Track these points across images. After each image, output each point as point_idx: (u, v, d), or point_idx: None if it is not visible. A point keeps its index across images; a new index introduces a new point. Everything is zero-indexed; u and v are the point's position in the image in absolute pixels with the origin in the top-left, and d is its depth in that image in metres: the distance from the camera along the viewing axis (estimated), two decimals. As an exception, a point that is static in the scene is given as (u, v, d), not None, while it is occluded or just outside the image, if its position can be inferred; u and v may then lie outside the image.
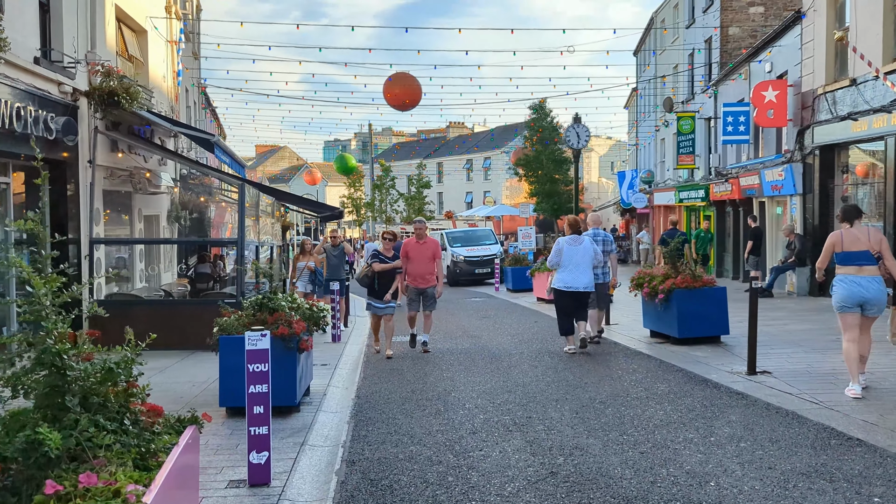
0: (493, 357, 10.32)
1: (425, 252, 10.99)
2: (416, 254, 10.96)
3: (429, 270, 10.95)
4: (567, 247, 10.18)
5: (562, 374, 8.82)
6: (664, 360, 9.35)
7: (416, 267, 10.93)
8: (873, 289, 6.88)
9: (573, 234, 10.32)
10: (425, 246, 11.02)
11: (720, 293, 10.52)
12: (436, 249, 11.09)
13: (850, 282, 6.92)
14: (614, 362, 9.45)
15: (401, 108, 22.29)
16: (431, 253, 11.03)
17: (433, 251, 11.04)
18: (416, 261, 10.94)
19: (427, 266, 10.96)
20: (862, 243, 6.95)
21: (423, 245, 11.01)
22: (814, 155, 16.39)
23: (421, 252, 10.96)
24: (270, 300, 7.49)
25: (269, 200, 16.22)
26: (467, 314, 16.63)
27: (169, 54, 17.28)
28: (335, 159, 41.21)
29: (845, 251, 7.02)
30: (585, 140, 24.27)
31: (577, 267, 10.06)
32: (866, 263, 6.91)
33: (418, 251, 10.97)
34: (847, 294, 6.92)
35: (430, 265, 10.98)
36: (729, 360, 9.08)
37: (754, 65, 20.98)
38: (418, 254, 10.96)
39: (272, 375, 7.19)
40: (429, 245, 11.07)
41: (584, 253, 10.11)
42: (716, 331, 10.48)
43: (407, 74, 22.27)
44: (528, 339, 11.94)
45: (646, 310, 11.47)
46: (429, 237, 11.21)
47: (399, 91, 21.99)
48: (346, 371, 9.63)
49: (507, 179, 54.91)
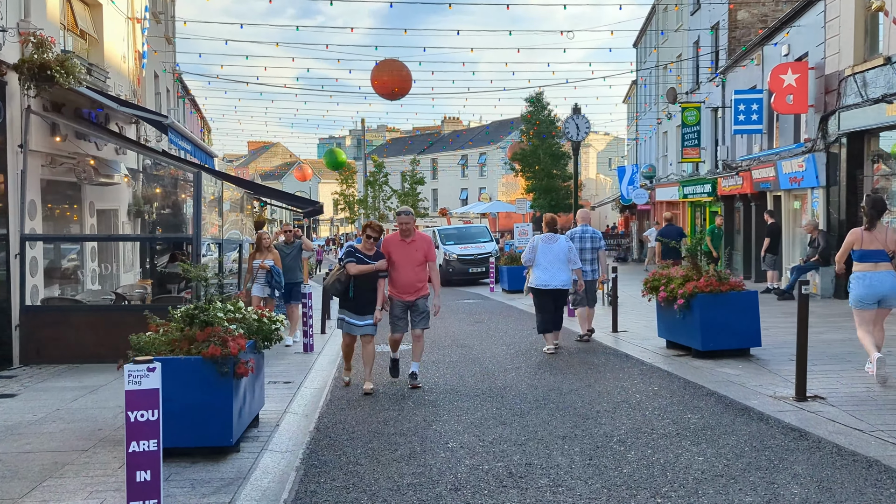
0: (485, 373, 8.81)
1: (413, 254, 8.17)
2: (402, 256, 8.15)
3: (419, 278, 8.22)
4: (542, 244, 10.03)
5: (567, 398, 7.31)
6: (689, 380, 7.84)
7: (402, 274, 8.14)
8: (888, 283, 7.24)
9: (549, 233, 10.16)
10: (413, 246, 8.19)
11: (750, 298, 9.01)
12: (428, 250, 8.28)
13: (869, 279, 7.27)
14: (629, 382, 7.94)
15: (390, 96, 20.83)
16: (422, 255, 8.21)
17: (425, 252, 8.23)
18: (402, 265, 8.15)
19: (416, 272, 8.19)
20: (879, 243, 7.30)
21: (410, 245, 8.19)
22: (839, 143, 14.89)
23: (407, 254, 8.16)
24: (203, 311, 5.97)
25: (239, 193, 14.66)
26: (458, 318, 15.12)
27: (130, 33, 15.70)
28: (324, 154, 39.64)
29: (864, 249, 7.35)
30: (585, 132, 22.80)
31: (552, 265, 9.91)
32: (881, 260, 7.28)
33: (404, 253, 8.16)
34: (866, 293, 7.27)
35: (420, 271, 8.22)
36: (768, 380, 7.57)
37: (768, 48, 19.48)
38: (404, 256, 8.15)
39: (200, 408, 5.71)
40: (418, 245, 8.22)
41: (558, 251, 9.95)
42: (745, 343, 8.99)
43: (395, 61, 20.79)
44: (526, 350, 10.42)
45: (661, 317, 9.97)
46: (419, 233, 8.39)
47: (388, 79, 20.52)
48: (312, 391, 8.11)
49: (504, 175, 53.42)
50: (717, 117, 25.72)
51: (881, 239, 7.30)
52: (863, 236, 7.35)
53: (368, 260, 8.01)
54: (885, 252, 7.27)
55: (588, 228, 11.06)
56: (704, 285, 8.93)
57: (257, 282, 10.51)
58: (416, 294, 8.23)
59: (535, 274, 10.06)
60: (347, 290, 8.02)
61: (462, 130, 65.90)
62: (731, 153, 23.66)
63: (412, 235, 8.27)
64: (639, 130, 40.47)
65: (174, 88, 23.24)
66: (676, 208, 32.40)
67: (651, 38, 36.15)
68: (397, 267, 8.17)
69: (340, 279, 8.01)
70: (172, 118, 12.82)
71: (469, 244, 26.28)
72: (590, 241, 10.92)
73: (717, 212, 26.05)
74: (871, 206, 7.50)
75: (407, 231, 8.23)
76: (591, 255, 10.90)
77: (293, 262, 11.17)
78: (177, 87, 23.62)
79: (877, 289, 7.24)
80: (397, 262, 8.18)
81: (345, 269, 7.98)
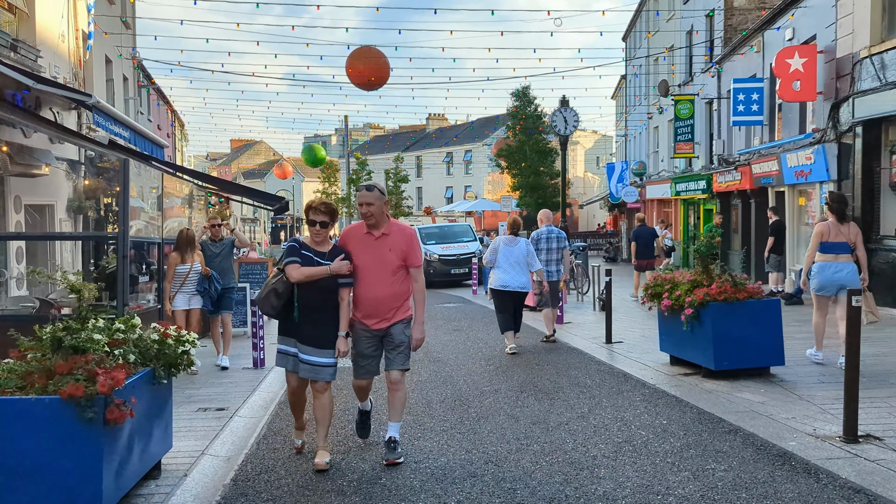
0: (457, 398, 7.37)
1: (384, 255, 5.36)
2: (367, 259, 5.35)
3: (394, 292, 5.38)
4: (503, 246, 10.01)
5: (556, 435, 5.88)
6: (703, 409, 6.43)
7: (369, 286, 5.34)
8: (848, 272, 7.85)
9: (510, 235, 10.15)
10: (385, 243, 5.38)
11: (772, 308, 7.63)
12: (409, 249, 5.44)
13: (831, 268, 7.89)
14: (630, 412, 6.51)
15: (366, 86, 19.27)
16: (399, 256, 5.38)
17: (403, 253, 5.40)
18: (368, 274, 5.34)
19: (390, 284, 5.36)
20: (843, 236, 7.93)
21: (379, 241, 5.38)
22: (853, 133, 13.56)
23: (376, 255, 5.35)
24: (72, 332, 4.51)
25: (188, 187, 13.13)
26: (435, 325, 13.68)
27: (71, 10, 14.15)
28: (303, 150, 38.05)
29: (830, 241, 7.95)
30: (574, 125, 21.41)
31: (512, 267, 9.92)
32: (843, 252, 7.91)
33: (370, 254, 5.36)
34: (828, 281, 7.91)
35: (396, 283, 5.38)
36: (801, 411, 6.17)
37: (770, 33, 18.15)
38: (371, 259, 5.35)
39: (55, 467, 4.19)
40: (393, 241, 5.39)
41: (519, 253, 9.95)
42: (766, 360, 7.60)
43: (371, 48, 19.31)
44: (508, 367, 8.99)
45: (665, 328, 8.57)
46: (396, 224, 5.49)
47: (363, 68, 19.06)
48: (246, 423, 6.66)
49: (490, 173, 52.05)
50: (712, 110, 24.43)
51: (846, 232, 7.96)
52: (830, 230, 7.97)
53: (321, 260, 5.27)
54: (847, 244, 7.94)
55: (553, 228, 11.00)
56: (717, 292, 7.53)
57: (183, 291, 8.63)
58: (391, 318, 5.36)
59: (495, 275, 10.08)
60: (289, 306, 5.29)
61: (447, 127, 64.40)
62: (727, 147, 22.35)
63: (383, 227, 5.35)
64: (628, 126, 39.16)
65: (135, 77, 21.66)
66: (668, 206, 31.13)
67: (641, 30, 34.82)
68: (361, 276, 5.33)
69: (277, 290, 5.26)
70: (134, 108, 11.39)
71: (451, 244, 24.82)
72: (555, 241, 10.88)
73: (711, 210, 24.78)
74: (836, 202, 8.12)
75: (372, 219, 5.29)
76: (557, 255, 10.89)
77: (224, 262, 9.17)
78: (138, 76, 22.03)
79: (838, 277, 7.85)
80: (361, 268, 5.31)
81: (282, 273, 5.27)
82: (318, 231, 5.35)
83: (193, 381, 8.51)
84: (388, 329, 5.41)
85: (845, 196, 8.22)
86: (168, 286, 8.68)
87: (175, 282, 8.63)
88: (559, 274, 10.93)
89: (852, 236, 7.97)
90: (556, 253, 10.85)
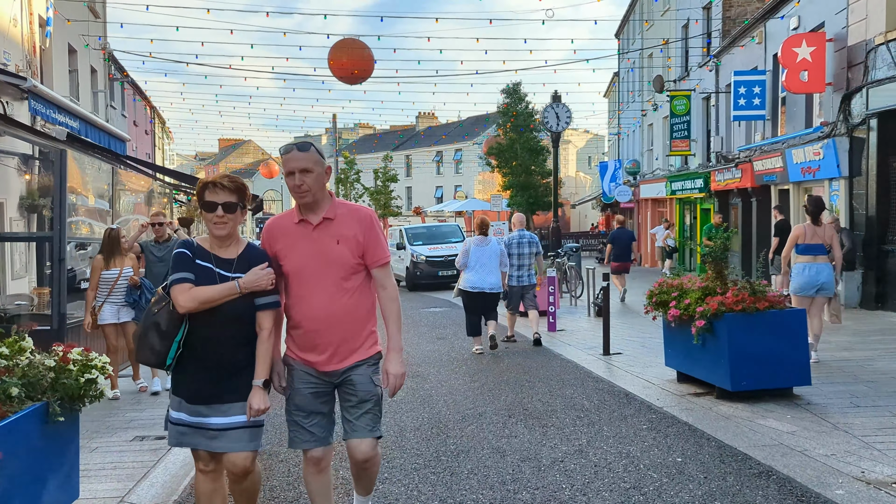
0: (435, 423, 6.37)
1: (329, 249, 3.45)
2: (304, 256, 3.46)
3: (348, 306, 3.47)
4: (474, 247, 9.93)
5: (548, 477, 4.88)
6: (722, 442, 5.45)
7: (308, 299, 3.46)
8: (825, 273, 8.01)
9: (480, 235, 10.08)
10: (326, 232, 3.46)
11: (796, 320, 6.67)
12: (368, 241, 3.49)
13: (809, 269, 7.99)
14: (637, 445, 5.53)
15: (349, 80, 18.43)
16: (352, 250, 3.46)
17: (359, 244, 3.47)
18: (304, 278, 3.47)
19: (340, 292, 3.45)
20: (819, 238, 8.08)
21: (320, 230, 3.47)
22: (867, 126, 12.64)
23: (317, 250, 3.45)
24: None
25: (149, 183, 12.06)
26: (418, 332, 12.71)
27: (24, -9, 13.09)
28: (288, 148, 36.94)
29: (807, 243, 8.08)
30: (566, 122, 20.50)
31: (483, 268, 9.87)
32: (820, 253, 8.04)
33: (308, 248, 3.46)
34: (807, 282, 8.00)
35: (348, 289, 3.47)
36: (839, 444, 5.20)
37: (773, 23, 17.25)
38: (310, 256, 3.45)
39: None
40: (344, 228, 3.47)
41: (490, 254, 9.92)
42: (790, 380, 6.64)
43: (355, 40, 18.40)
44: (495, 385, 8.00)
45: (671, 341, 7.60)
46: (344, 204, 3.56)
47: (347, 61, 18.16)
48: (184, 458, 5.64)
49: (480, 173, 51.07)
50: (709, 105, 23.56)
51: (821, 234, 8.13)
52: (807, 232, 8.12)
53: (225, 271, 3.38)
54: (824, 246, 8.10)
55: (525, 233, 10.85)
56: (733, 301, 6.57)
57: (111, 301, 7.42)
58: (347, 354, 3.49)
59: (465, 276, 9.98)
60: (174, 347, 3.35)
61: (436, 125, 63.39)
62: (726, 144, 21.47)
63: (324, 208, 3.47)
64: (621, 124, 38.27)
65: (105, 69, 20.57)
66: (663, 206, 30.24)
67: (634, 26, 33.94)
68: (295, 287, 3.49)
69: (160, 325, 3.34)
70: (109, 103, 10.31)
71: (439, 244, 23.79)
72: (527, 245, 10.70)
73: (709, 209, 23.88)
74: (812, 205, 8.27)
75: (308, 195, 3.40)
76: (529, 259, 10.72)
77: (166, 267, 7.97)
78: (109, 68, 20.94)
79: (816, 278, 7.98)
80: (294, 273, 3.47)
81: (167, 297, 3.37)
82: (220, 219, 3.28)
83: (140, 400, 7.50)
84: (347, 374, 3.46)
85: (821, 199, 8.48)
86: (91, 295, 7.48)
87: (101, 290, 7.47)
88: (532, 278, 10.78)
89: (827, 238, 8.20)
90: (528, 258, 10.70)
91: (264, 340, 3.39)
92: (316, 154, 3.40)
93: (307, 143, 3.39)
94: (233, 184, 3.34)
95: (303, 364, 3.52)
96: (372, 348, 3.57)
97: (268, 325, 3.40)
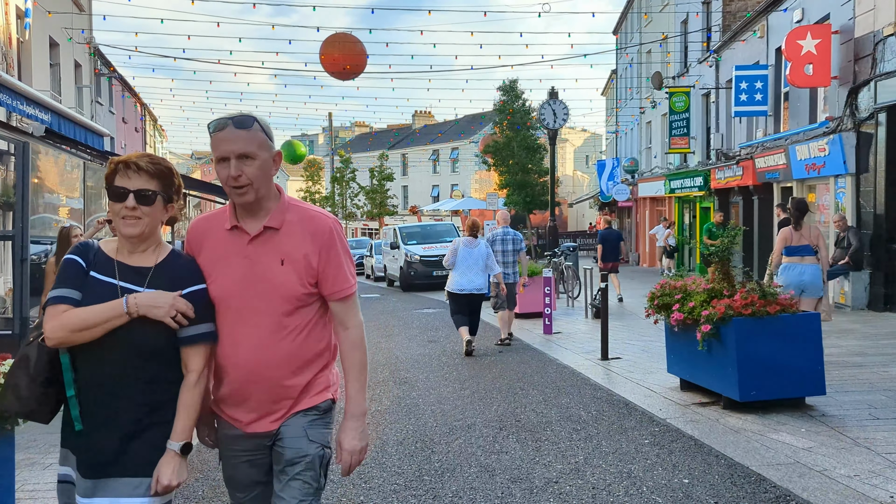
0: (420, 436, 5.88)
1: (269, 272, 2.46)
2: (234, 279, 2.47)
3: (289, 351, 2.47)
4: (463, 248, 9.95)
5: (542, 499, 4.39)
6: (732, 459, 4.97)
7: (235, 339, 2.46)
8: (810, 274, 8.15)
9: (469, 237, 10.08)
10: (267, 247, 2.48)
11: (809, 325, 6.19)
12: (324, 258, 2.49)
13: (795, 269, 8.14)
14: (639, 463, 5.04)
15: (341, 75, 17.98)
16: (301, 273, 2.47)
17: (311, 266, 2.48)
18: (233, 310, 2.46)
19: (280, 333, 2.46)
20: (805, 239, 8.29)
21: (258, 244, 2.49)
22: (875, 121, 12.17)
23: (252, 271, 2.47)
24: None
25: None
26: (409, 334, 12.23)
27: (-1, -20, 12.59)
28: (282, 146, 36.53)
29: (794, 245, 8.28)
30: (563, 119, 20.08)
31: (469, 269, 9.90)
32: (807, 255, 8.23)
33: (241, 268, 2.48)
34: (792, 281, 8.04)
35: (293, 330, 2.48)
36: (863, 463, 4.72)
37: (775, 16, 16.79)
38: (241, 279, 2.46)
39: None
40: (292, 241, 2.48)
41: (478, 256, 9.94)
42: (803, 390, 6.16)
43: (347, 34, 17.95)
44: (487, 392, 7.52)
45: (674, 346, 7.12)
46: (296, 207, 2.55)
47: (338, 55, 17.71)
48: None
49: (477, 171, 50.61)
50: (709, 102, 23.11)
51: (807, 236, 8.30)
52: (792, 235, 8.31)
53: (134, 287, 2.38)
54: (810, 247, 8.25)
55: (509, 231, 10.88)
56: (742, 305, 6.09)
57: None
58: (284, 410, 2.52)
59: (452, 277, 10.02)
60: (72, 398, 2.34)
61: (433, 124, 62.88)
62: (726, 141, 21.01)
63: (268, 211, 2.50)
64: (619, 122, 37.83)
65: (91, 63, 20.06)
66: (662, 204, 29.77)
67: (633, 22, 33.48)
68: (218, 319, 2.48)
69: (29, 359, 2.37)
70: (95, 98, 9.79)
71: (434, 244, 23.30)
72: (511, 243, 10.74)
73: (709, 207, 23.43)
74: (795, 209, 8.39)
75: (247, 192, 2.43)
76: (513, 257, 10.75)
77: None
78: (95, 62, 20.43)
79: (799, 278, 8.07)
80: (217, 301, 2.47)
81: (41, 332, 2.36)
82: (131, 213, 2.35)
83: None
84: (278, 431, 2.51)
85: (804, 202, 8.68)
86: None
87: None
88: (515, 276, 10.78)
89: (813, 239, 8.35)
90: (511, 255, 10.71)
91: (189, 387, 2.38)
92: (261, 133, 2.43)
93: (248, 117, 2.43)
94: (154, 166, 2.38)
95: (230, 424, 2.53)
96: (318, 396, 2.54)
97: (196, 365, 2.39)
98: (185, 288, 2.40)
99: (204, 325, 2.42)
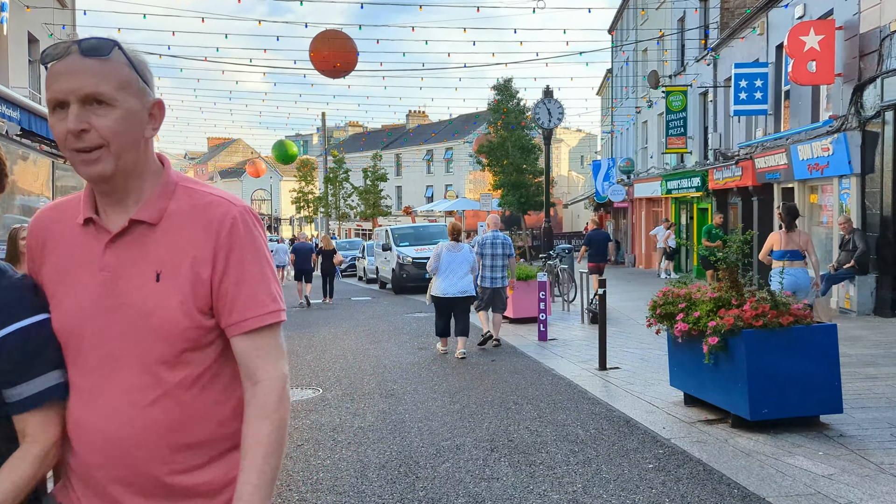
0: (405, 460, 5.41)
1: (136, 293, 1.52)
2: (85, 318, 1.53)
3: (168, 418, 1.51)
4: (446, 252, 9.94)
5: (537, 537, 3.95)
6: (747, 489, 4.51)
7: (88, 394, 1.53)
8: (801, 277, 8.34)
9: (453, 241, 10.07)
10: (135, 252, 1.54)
11: (825, 337, 5.74)
12: (232, 288, 1.54)
13: (785, 273, 7.76)
14: (644, 493, 4.59)
15: (331, 73, 17.59)
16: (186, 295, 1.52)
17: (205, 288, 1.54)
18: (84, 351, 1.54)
19: (152, 388, 1.51)
20: (794, 244, 8.49)
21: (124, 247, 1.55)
22: (881, 119, 11.75)
23: (113, 306, 1.52)
24: None
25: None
26: (399, 340, 11.77)
27: (-29, -28, 12.09)
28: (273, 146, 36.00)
29: (782, 249, 8.46)
30: (558, 118, 19.64)
31: (454, 273, 9.89)
32: (796, 259, 8.42)
33: (97, 299, 1.53)
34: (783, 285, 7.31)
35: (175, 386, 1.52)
36: (887, 491, 4.28)
37: (776, 13, 16.38)
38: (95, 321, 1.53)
39: None
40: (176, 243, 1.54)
41: (462, 260, 9.95)
42: (818, 407, 5.71)
43: (338, 32, 17.52)
44: (478, 407, 7.06)
45: (677, 359, 6.68)
46: (188, 189, 1.60)
47: (328, 53, 17.29)
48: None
49: (471, 172, 50.18)
50: (706, 101, 22.70)
51: (796, 240, 8.43)
52: (782, 238, 8.45)
53: None
54: (800, 252, 8.41)
55: (499, 234, 10.75)
56: (752, 315, 5.64)
57: None
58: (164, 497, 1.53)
59: (436, 282, 9.97)
60: None
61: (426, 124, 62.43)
62: (724, 141, 20.60)
63: (141, 195, 1.57)
64: (614, 122, 37.42)
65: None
66: (658, 205, 29.37)
67: (629, 20, 33.08)
68: (72, 361, 1.56)
69: None
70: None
71: (426, 246, 22.79)
72: (500, 247, 10.62)
73: (706, 209, 23.02)
74: (786, 214, 8.51)
75: (103, 163, 1.48)
76: (503, 261, 10.63)
77: None
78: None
79: (792, 282, 8.04)
80: (62, 338, 1.56)
81: None
82: None
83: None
84: None
85: (795, 207, 8.75)
86: None
87: None
88: (504, 281, 10.68)
89: (803, 244, 8.47)
90: (501, 259, 10.60)
91: (19, 462, 1.52)
92: (125, 67, 1.52)
93: (106, 40, 1.51)
94: None
95: None
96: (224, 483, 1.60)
97: (45, 434, 1.54)
98: (9, 325, 1.51)
99: (47, 377, 1.53)
